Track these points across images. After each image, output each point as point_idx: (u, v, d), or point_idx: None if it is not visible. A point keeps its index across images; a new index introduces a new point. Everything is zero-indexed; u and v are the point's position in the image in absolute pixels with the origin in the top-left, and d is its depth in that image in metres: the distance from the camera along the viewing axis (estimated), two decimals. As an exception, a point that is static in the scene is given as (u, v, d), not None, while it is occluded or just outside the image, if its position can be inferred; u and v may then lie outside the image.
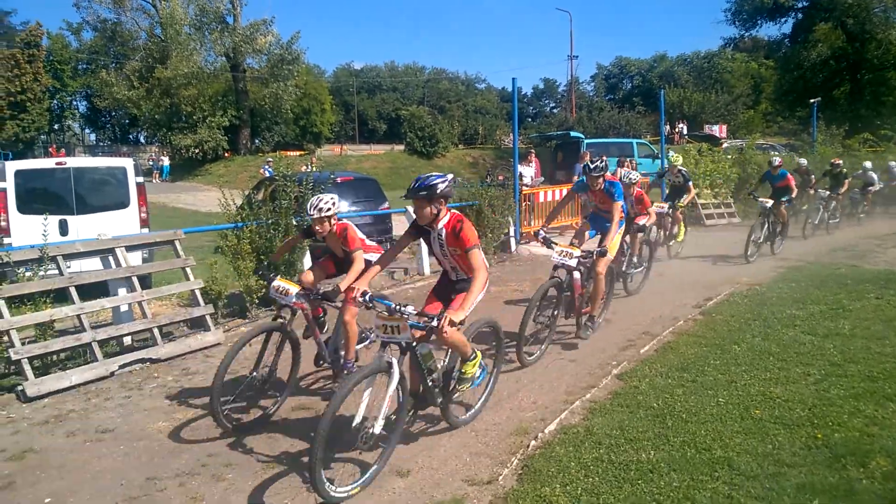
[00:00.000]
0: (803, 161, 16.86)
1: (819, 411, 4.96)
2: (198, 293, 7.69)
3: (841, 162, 16.51)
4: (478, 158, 41.47)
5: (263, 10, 63.87)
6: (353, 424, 4.00)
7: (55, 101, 52.57)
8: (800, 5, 44.20)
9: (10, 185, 9.58)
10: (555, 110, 72.43)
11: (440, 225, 4.73)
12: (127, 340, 7.24)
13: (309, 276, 6.03)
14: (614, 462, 4.28)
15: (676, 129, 42.44)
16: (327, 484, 3.87)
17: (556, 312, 6.83)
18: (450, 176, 4.79)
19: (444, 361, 4.90)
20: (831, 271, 10.57)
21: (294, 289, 5.35)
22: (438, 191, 4.56)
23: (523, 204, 14.07)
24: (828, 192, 15.30)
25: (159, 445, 4.95)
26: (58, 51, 52.68)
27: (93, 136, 62.31)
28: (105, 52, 52.33)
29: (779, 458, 4.26)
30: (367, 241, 6.03)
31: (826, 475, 4.03)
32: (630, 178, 9.19)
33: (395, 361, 4.20)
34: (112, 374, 6.49)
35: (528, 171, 16.64)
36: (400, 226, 12.91)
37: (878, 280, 9.62)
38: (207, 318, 7.62)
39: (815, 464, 4.18)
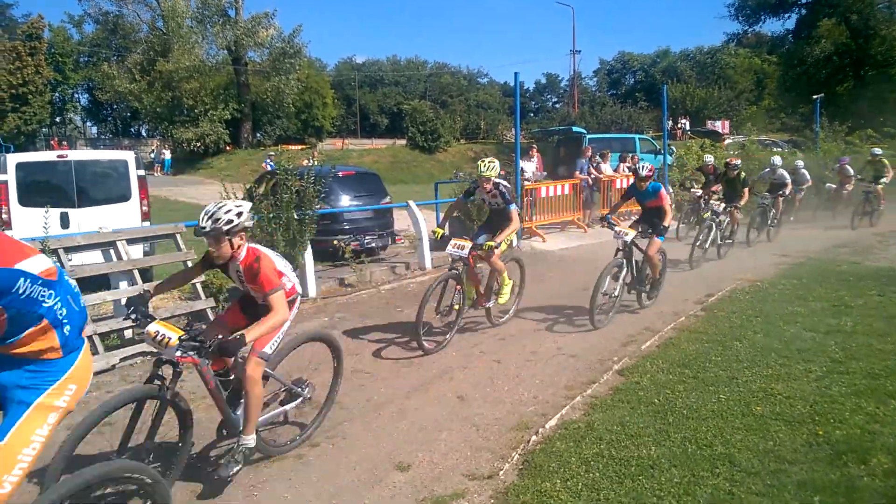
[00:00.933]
0: (709, 158, 15.82)
1: (820, 408, 4.95)
2: (199, 287, 7.69)
3: (738, 162, 13.03)
4: (479, 153, 41.33)
5: (265, 4, 63.81)
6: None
7: (57, 94, 52.46)
8: (803, 1, 44.11)
9: (11, 177, 9.58)
10: (557, 105, 72.33)
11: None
12: (128, 334, 7.23)
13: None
14: (615, 457, 4.28)
15: (679, 125, 42.40)
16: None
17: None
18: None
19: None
20: (833, 268, 10.56)
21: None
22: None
23: (525, 199, 14.03)
24: (722, 205, 11.94)
25: (159, 438, 4.93)
26: (59, 43, 52.54)
27: (94, 129, 62.24)
28: (107, 44, 52.22)
29: (780, 455, 4.25)
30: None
31: (827, 472, 4.02)
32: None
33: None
34: (113, 367, 6.49)
35: (530, 166, 16.59)
36: (401, 220, 12.91)
37: (879, 277, 9.61)
38: (208, 311, 7.61)
39: (817, 461, 4.17)
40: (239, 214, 4.04)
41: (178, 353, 3.74)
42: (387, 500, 4.01)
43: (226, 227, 4.01)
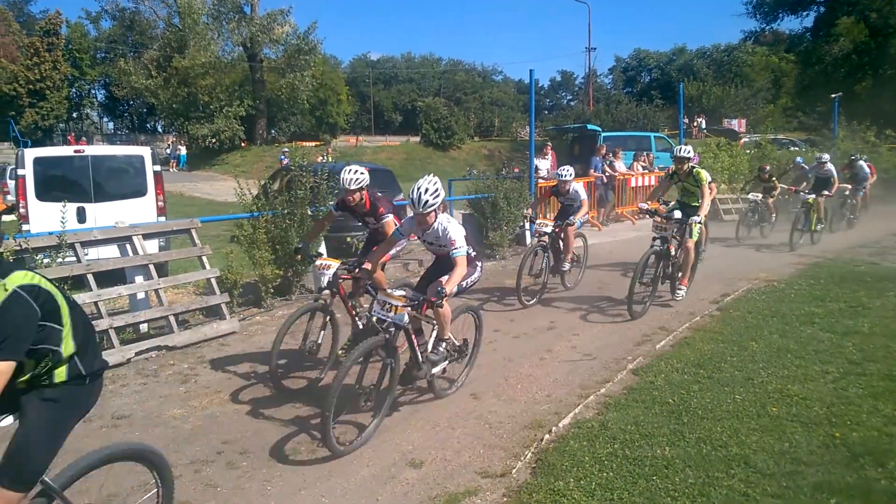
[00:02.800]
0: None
1: (837, 410, 4.91)
2: (213, 282, 7.72)
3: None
4: (493, 151, 41.36)
5: (281, 0, 63.80)
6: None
7: (74, 90, 52.83)
8: (822, -1, 43.70)
9: (29, 172, 9.66)
10: (572, 103, 71.99)
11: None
12: (143, 328, 7.29)
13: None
14: (629, 457, 4.25)
15: (695, 123, 42.05)
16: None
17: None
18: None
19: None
20: (851, 269, 10.45)
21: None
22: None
23: (539, 197, 13.98)
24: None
25: (175, 432, 4.98)
26: (77, 39, 52.92)
27: (111, 125, 62.66)
28: (123, 41, 52.58)
29: (796, 457, 4.22)
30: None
31: (843, 474, 3.99)
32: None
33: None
34: (128, 360, 6.54)
35: (545, 164, 16.54)
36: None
37: (898, 278, 9.50)
38: (223, 306, 7.65)
39: (833, 463, 4.14)
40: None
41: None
42: (399, 496, 4.01)
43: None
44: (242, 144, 41.11)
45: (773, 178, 14.34)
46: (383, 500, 3.99)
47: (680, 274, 8.56)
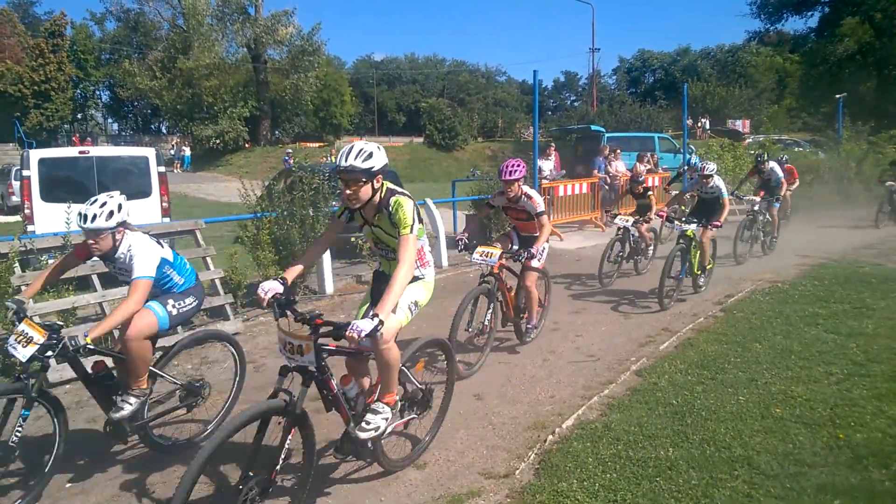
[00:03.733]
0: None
1: (841, 411, 4.90)
2: (218, 282, 7.74)
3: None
4: (497, 151, 41.32)
5: (285, 2, 64.01)
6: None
7: (78, 91, 52.97)
8: (826, -1, 43.61)
9: (34, 173, 9.71)
10: (575, 103, 71.88)
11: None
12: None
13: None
14: (632, 458, 4.25)
15: (699, 124, 42.01)
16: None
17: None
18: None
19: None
20: (855, 270, 10.42)
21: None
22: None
23: (543, 197, 13.98)
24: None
25: (178, 432, 4.98)
26: (81, 40, 53.06)
27: (115, 126, 62.83)
28: (128, 42, 52.78)
29: (799, 458, 4.21)
30: None
31: (847, 476, 3.98)
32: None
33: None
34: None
35: (548, 165, 16.55)
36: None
37: (903, 279, 9.47)
38: (227, 307, 7.67)
39: (837, 464, 4.13)
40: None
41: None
42: (403, 497, 4.02)
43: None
44: (246, 145, 41.18)
45: (650, 193, 10.88)
46: (387, 500, 3.99)
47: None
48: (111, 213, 4.30)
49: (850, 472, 4.03)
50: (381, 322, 3.36)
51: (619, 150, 17.60)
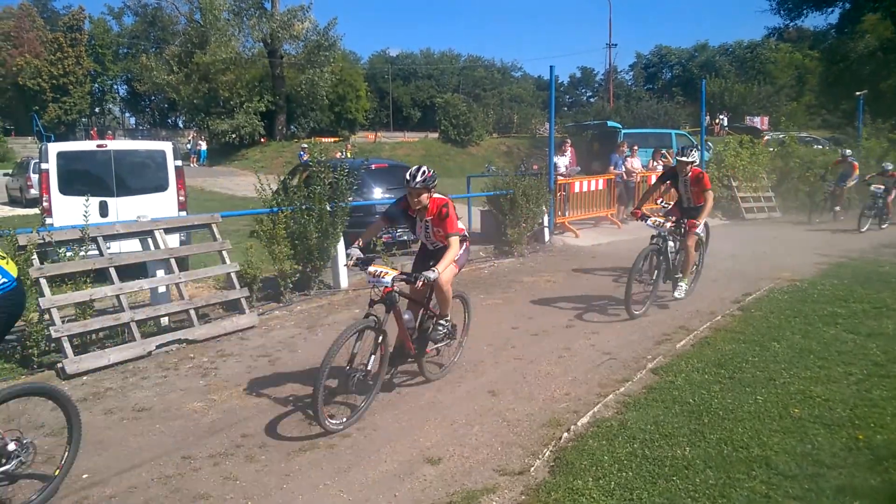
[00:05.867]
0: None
1: (861, 412, 4.84)
2: (233, 276, 7.78)
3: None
4: (512, 147, 41.25)
5: (301, -3, 64.02)
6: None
7: (96, 85, 53.54)
8: (847, -5, 43.07)
9: (52, 166, 9.77)
10: (592, 99, 71.71)
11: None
12: (164, 321, 7.35)
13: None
14: (648, 457, 4.22)
15: (717, 121, 41.69)
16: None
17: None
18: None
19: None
20: (875, 269, 10.30)
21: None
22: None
23: (558, 194, 13.94)
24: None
25: (195, 425, 5.02)
26: (99, 35, 53.60)
27: (132, 120, 63.41)
28: (145, 36, 53.19)
29: (818, 459, 4.16)
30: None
31: (867, 478, 3.93)
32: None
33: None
34: (149, 353, 6.60)
35: (564, 161, 16.47)
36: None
37: (924, 279, 9.35)
38: (243, 301, 7.70)
39: (856, 465, 4.08)
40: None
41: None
42: (418, 492, 4.01)
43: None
44: (262, 140, 41.36)
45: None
46: (401, 496, 3.98)
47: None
48: None
49: (870, 473, 3.97)
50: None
51: (636, 147, 17.48)
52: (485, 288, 9.57)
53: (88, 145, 11.87)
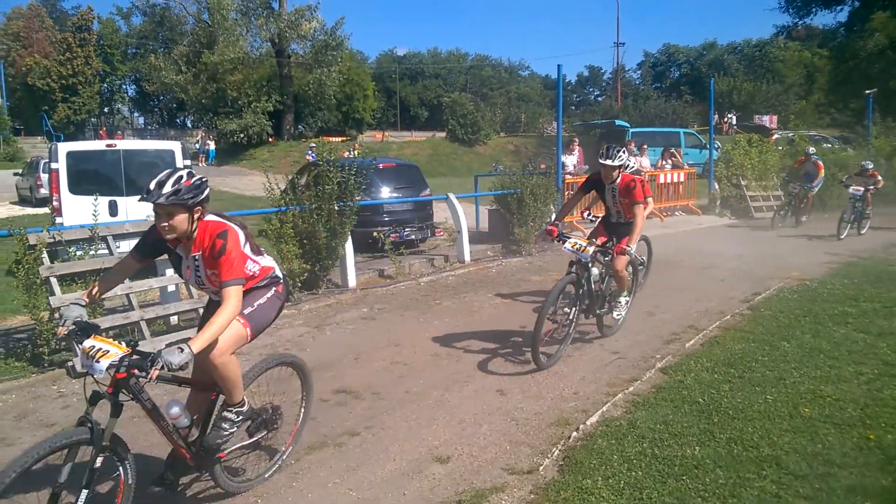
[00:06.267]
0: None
1: (871, 412, 4.81)
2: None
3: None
4: (520, 146, 41.17)
5: (308, -4, 64.04)
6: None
7: (105, 85, 53.70)
8: (856, -8, 42.83)
9: (62, 166, 9.82)
10: (599, 98, 71.51)
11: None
12: (173, 320, 7.38)
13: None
14: (658, 457, 4.20)
15: (725, 119, 41.54)
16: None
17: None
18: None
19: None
20: (885, 268, 10.24)
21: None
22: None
23: (566, 193, 13.93)
24: None
25: (203, 424, 5.01)
26: (108, 35, 53.77)
27: (141, 120, 63.62)
28: (154, 36, 53.33)
29: (829, 459, 4.14)
30: None
31: (878, 478, 3.91)
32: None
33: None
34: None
35: (571, 160, 16.45)
36: (441, 213, 12.91)
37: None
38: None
39: (867, 465, 4.05)
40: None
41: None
42: (426, 491, 4.01)
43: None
44: (270, 140, 41.40)
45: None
46: (410, 494, 3.99)
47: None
48: None
49: (881, 473, 3.95)
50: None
51: (645, 146, 17.44)
52: (493, 287, 9.56)
53: (98, 145, 11.93)
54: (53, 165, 9.90)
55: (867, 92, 23.95)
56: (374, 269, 10.32)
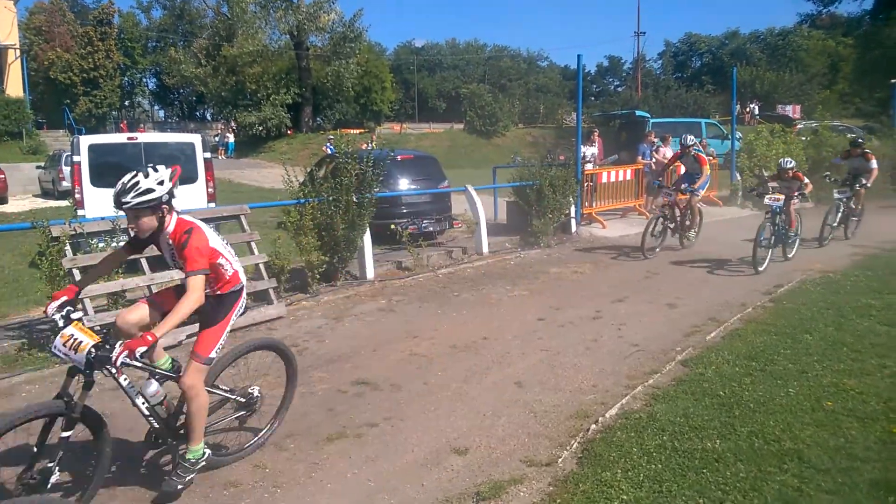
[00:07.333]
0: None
1: (895, 405, 4.74)
2: (262, 267, 7.84)
3: None
4: (538, 138, 40.98)
5: (327, -12, 63.98)
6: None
7: (126, 78, 54.12)
8: (883, -20, 42.06)
9: (84, 158, 9.92)
10: (619, 89, 70.86)
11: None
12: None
13: None
14: (678, 450, 4.17)
15: (748, 109, 41.01)
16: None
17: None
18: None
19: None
20: (910, 260, 10.08)
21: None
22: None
23: (586, 185, 13.84)
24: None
25: (224, 414, 5.06)
26: (129, 29, 54.14)
27: (161, 113, 64.09)
28: (174, 30, 53.73)
29: (851, 453, 4.08)
30: None
31: (903, 472, 3.85)
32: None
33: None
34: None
35: (591, 151, 16.34)
36: (459, 204, 12.88)
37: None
38: (271, 291, 7.76)
39: (891, 459, 3.99)
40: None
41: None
42: (445, 482, 4.02)
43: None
44: (289, 132, 41.56)
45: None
46: (429, 485, 4.00)
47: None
48: None
49: (906, 468, 3.90)
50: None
51: (669, 137, 17.28)
52: (511, 279, 9.54)
53: (119, 138, 12.03)
54: (75, 158, 10.01)
55: (892, 81, 23.55)
56: (392, 260, 10.33)
